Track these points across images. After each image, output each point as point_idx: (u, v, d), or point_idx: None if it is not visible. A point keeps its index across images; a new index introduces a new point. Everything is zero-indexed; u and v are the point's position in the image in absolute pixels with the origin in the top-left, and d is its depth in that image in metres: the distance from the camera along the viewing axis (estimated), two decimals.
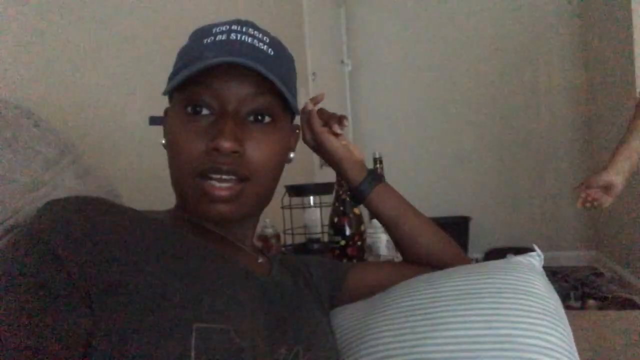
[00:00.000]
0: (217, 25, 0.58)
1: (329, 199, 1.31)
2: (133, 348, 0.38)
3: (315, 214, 1.39)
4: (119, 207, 0.50)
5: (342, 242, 1.15)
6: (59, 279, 0.40)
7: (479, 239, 3.67)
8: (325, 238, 1.32)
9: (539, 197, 3.63)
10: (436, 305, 0.60)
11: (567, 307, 2.45)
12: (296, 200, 1.41)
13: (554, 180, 3.56)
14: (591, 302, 2.48)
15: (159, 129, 0.66)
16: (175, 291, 0.43)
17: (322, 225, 1.39)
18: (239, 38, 0.55)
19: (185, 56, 0.58)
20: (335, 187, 1.18)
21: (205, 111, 0.54)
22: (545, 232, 3.57)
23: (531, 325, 0.56)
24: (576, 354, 0.57)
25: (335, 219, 1.16)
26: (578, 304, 2.47)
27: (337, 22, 3.84)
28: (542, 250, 0.72)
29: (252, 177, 0.54)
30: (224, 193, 0.52)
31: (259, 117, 0.56)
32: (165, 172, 0.61)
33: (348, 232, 1.15)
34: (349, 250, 1.14)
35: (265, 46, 0.57)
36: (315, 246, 1.33)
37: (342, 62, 3.88)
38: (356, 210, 1.17)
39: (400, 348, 0.57)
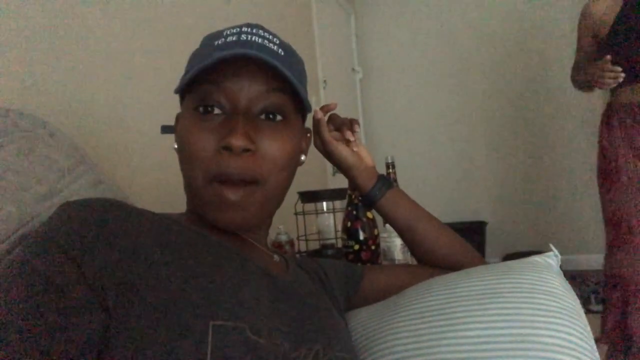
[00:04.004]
0: (227, 28, 0.58)
1: (342, 204, 1.31)
2: (150, 347, 0.38)
3: (329, 220, 1.39)
4: (134, 208, 0.50)
5: (356, 247, 1.14)
6: (74, 280, 0.40)
7: (496, 244, 3.61)
8: (340, 244, 1.31)
9: (556, 200, 3.57)
10: (452, 306, 0.59)
11: (588, 311, 2.39)
12: (309, 206, 1.40)
13: (572, 182, 3.50)
14: None
15: (171, 136, 0.66)
16: (191, 290, 0.43)
17: (336, 231, 1.38)
18: (249, 38, 0.55)
19: (197, 57, 0.58)
20: (348, 191, 1.17)
21: (216, 110, 0.54)
22: (564, 235, 3.50)
23: (550, 324, 0.55)
24: (596, 353, 0.56)
25: (349, 224, 1.16)
26: (599, 308, 2.41)
27: (347, 30, 3.86)
28: (561, 254, 0.71)
29: (264, 177, 0.54)
30: (235, 198, 0.52)
31: (271, 116, 0.55)
32: (177, 180, 0.61)
33: (362, 236, 1.14)
34: (363, 255, 1.14)
35: (276, 47, 0.57)
36: (330, 252, 1.33)
37: (353, 69, 3.88)
38: (369, 215, 1.16)
39: (417, 349, 0.56)
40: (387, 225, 1.29)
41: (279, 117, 0.56)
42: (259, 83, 0.54)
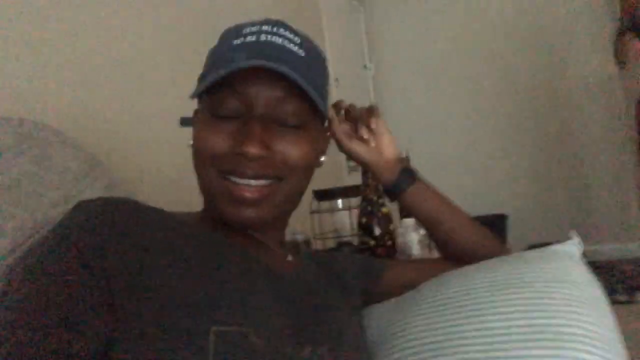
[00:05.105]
0: (246, 25, 0.57)
1: (358, 202, 1.30)
2: (151, 351, 0.39)
3: (345, 217, 1.38)
4: (146, 208, 0.51)
5: (372, 243, 1.13)
6: (83, 279, 0.41)
7: (518, 237, 3.54)
8: (357, 241, 1.31)
9: (578, 190, 3.49)
10: (470, 297, 0.58)
11: (614, 302, 2.32)
12: (325, 205, 1.40)
13: (593, 171, 3.42)
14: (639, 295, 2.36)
15: (184, 136, 0.66)
16: (192, 294, 0.43)
17: (352, 229, 1.37)
18: (269, 39, 0.54)
19: (214, 58, 0.57)
20: (362, 187, 1.16)
21: (233, 114, 0.53)
22: (587, 225, 3.42)
23: (571, 313, 0.53)
24: (619, 344, 0.54)
25: (363, 220, 1.15)
26: (625, 298, 2.35)
27: (357, 27, 3.84)
28: (585, 244, 0.68)
29: (280, 178, 0.54)
30: (250, 195, 0.52)
31: (287, 121, 0.54)
32: (189, 181, 0.61)
33: (377, 232, 1.13)
34: (379, 251, 1.13)
35: (296, 47, 0.56)
36: (346, 249, 1.32)
37: (365, 66, 3.87)
38: (385, 210, 1.15)
39: (434, 343, 0.56)
40: (404, 220, 1.28)
41: (295, 123, 0.55)
42: (276, 89, 0.53)
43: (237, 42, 0.55)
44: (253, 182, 0.52)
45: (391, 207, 1.23)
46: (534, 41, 3.55)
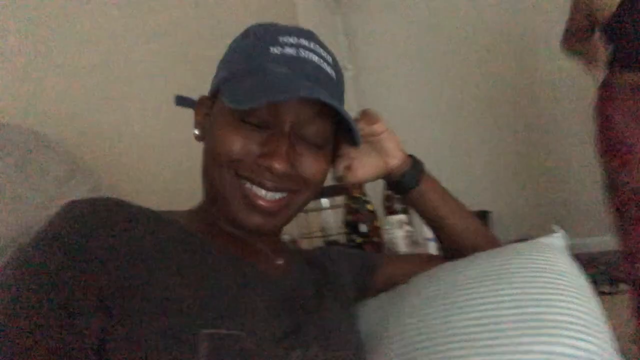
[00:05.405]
0: (282, 31, 0.56)
1: (343, 200, 1.30)
2: (141, 352, 0.38)
3: (330, 216, 1.39)
4: (136, 208, 0.50)
5: (359, 240, 1.13)
6: (74, 280, 0.40)
7: (501, 233, 3.59)
8: (343, 239, 1.31)
9: (559, 184, 3.56)
10: (460, 288, 0.59)
11: (598, 293, 2.37)
12: (310, 204, 1.40)
13: (574, 166, 3.50)
14: (623, 286, 2.41)
15: (172, 138, 0.65)
16: (183, 297, 0.43)
17: (338, 227, 1.38)
18: (308, 57, 0.55)
19: (250, 61, 0.55)
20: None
21: (261, 124, 0.53)
22: (569, 219, 3.49)
23: (560, 302, 0.54)
24: (608, 332, 0.55)
25: (349, 218, 1.15)
26: (609, 289, 2.41)
27: (334, 29, 3.85)
28: (567, 237, 0.70)
29: (294, 191, 0.55)
30: (265, 204, 0.52)
31: (312, 140, 0.55)
32: (175, 184, 0.60)
33: (363, 229, 1.14)
34: (366, 247, 1.13)
35: (329, 67, 0.57)
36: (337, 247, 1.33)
37: (344, 67, 3.88)
38: (369, 207, 1.16)
39: (423, 334, 0.56)
40: (389, 217, 1.29)
41: (321, 142, 0.56)
42: (308, 109, 0.53)
43: (275, 51, 0.54)
44: (270, 194, 0.53)
45: (375, 204, 1.24)
46: (512, 38, 3.61)
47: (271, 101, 0.48)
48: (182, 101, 0.64)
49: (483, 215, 3.55)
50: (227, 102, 0.50)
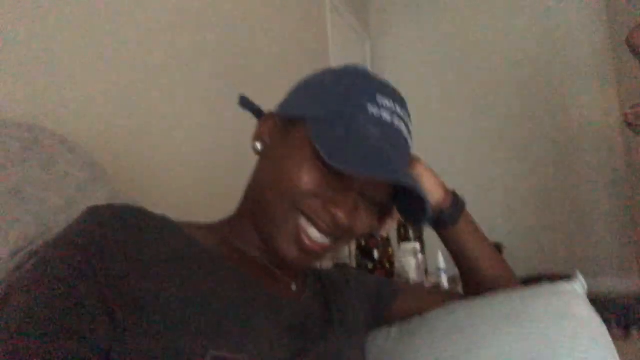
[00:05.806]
0: (382, 91, 0.57)
1: None
2: None
3: None
4: (156, 218, 0.50)
5: (370, 266, 1.12)
6: (88, 287, 0.40)
7: (513, 267, 3.53)
8: (354, 262, 1.30)
9: (575, 222, 3.50)
10: (475, 323, 0.58)
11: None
12: None
13: (591, 203, 3.44)
14: (635, 331, 2.34)
15: (192, 147, 0.66)
16: (193, 317, 0.43)
17: (350, 251, 1.37)
18: (399, 127, 0.56)
19: (343, 104, 0.55)
20: None
21: (336, 171, 0.52)
22: (583, 258, 3.42)
23: (574, 350, 0.53)
24: None
25: (363, 243, 1.14)
26: (621, 333, 2.34)
27: (363, 56, 3.89)
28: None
29: (340, 238, 0.55)
30: (311, 245, 0.53)
31: (374, 202, 0.56)
32: (195, 193, 0.61)
33: (376, 255, 1.13)
34: (377, 273, 1.12)
35: (410, 137, 0.59)
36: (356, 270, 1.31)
37: None
38: (383, 234, 1.15)
39: None
40: (403, 244, 1.27)
41: (380, 205, 0.57)
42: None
43: (372, 110, 0.55)
44: (321, 237, 0.53)
45: (388, 230, 1.23)
46: (540, 72, 3.60)
47: (367, 173, 0.48)
48: (246, 104, 0.64)
49: (497, 248, 3.50)
50: (319, 147, 0.49)
